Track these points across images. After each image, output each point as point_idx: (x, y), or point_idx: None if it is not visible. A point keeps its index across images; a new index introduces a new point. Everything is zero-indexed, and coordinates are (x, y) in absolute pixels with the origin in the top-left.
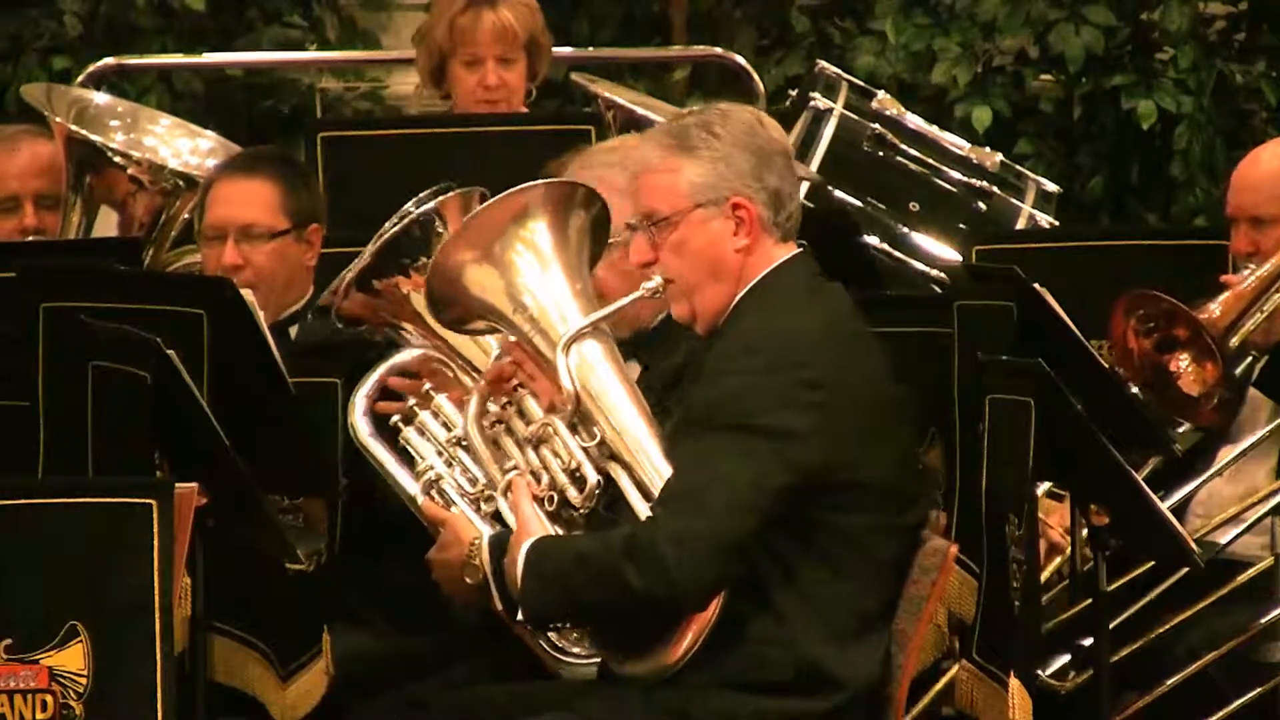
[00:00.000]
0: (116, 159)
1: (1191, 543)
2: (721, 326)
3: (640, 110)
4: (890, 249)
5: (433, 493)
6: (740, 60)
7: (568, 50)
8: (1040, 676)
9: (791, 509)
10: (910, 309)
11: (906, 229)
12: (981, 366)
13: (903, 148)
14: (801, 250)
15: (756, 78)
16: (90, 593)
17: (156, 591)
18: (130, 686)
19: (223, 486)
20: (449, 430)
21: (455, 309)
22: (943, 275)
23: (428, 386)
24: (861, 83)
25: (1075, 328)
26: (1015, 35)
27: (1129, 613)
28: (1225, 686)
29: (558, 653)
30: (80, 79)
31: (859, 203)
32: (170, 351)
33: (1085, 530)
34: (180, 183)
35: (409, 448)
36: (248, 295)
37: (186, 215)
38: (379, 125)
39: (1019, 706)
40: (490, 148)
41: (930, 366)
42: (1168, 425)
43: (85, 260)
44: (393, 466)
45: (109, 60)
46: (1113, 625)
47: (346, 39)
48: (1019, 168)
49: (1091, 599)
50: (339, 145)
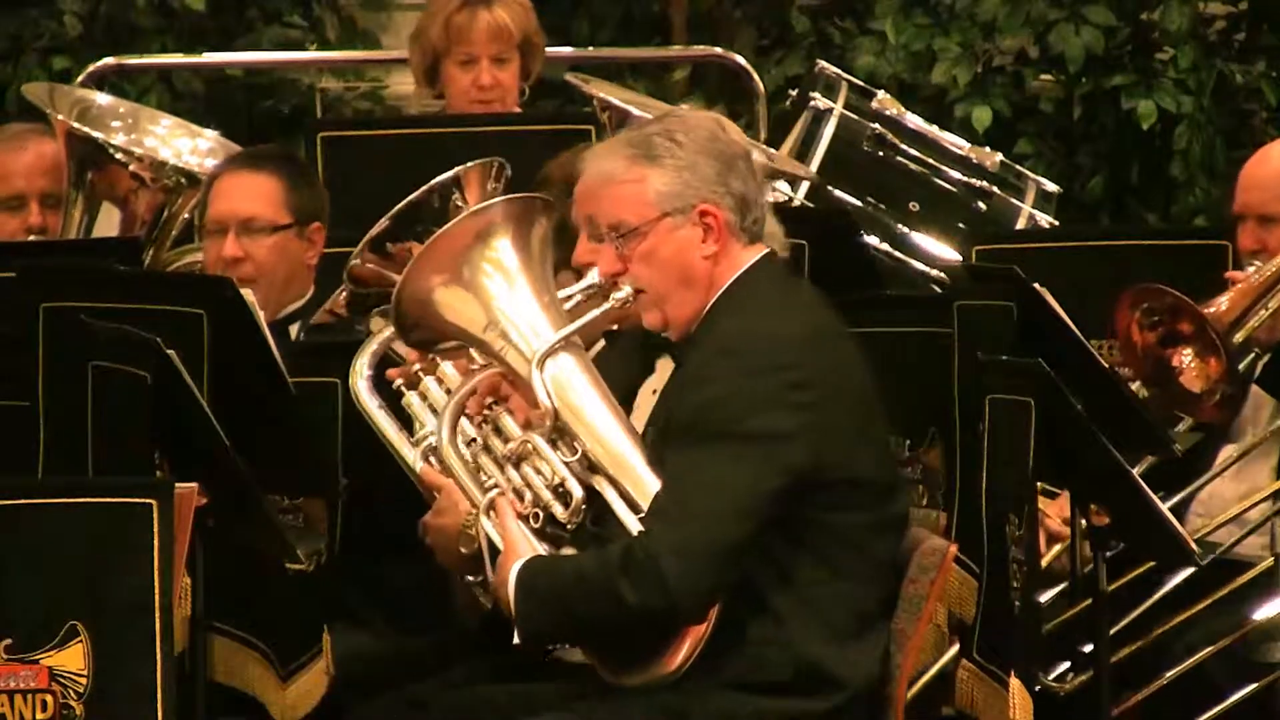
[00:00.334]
0: (118, 156)
1: (1191, 543)
2: (695, 333)
3: (636, 110)
4: (890, 249)
5: (431, 459)
6: (740, 60)
7: (568, 50)
8: (1041, 679)
9: (785, 510)
10: (910, 309)
11: (906, 229)
12: (981, 366)
13: (903, 148)
14: (769, 251)
15: (756, 78)
16: (90, 593)
17: (156, 591)
18: (130, 686)
19: (223, 486)
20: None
21: (425, 331)
22: (943, 275)
23: (431, 355)
24: (861, 83)
25: (1075, 328)
26: (1015, 35)
27: (1130, 617)
28: (1224, 685)
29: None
30: (80, 79)
31: (859, 203)
32: (170, 351)
33: (1084, 524)
34: (182, 180)
35: (411, 413)
36: (248, 295)
37: (187, 215)
38: (379, 125)
39: (1019, 706)
40: (490, 148)
41: (930, 366)
42: (1168, 425)
43: (85, 260)
44: (392, 432)
45: (109, 60)
46: (1112, 626)
47: (346, 39)
48: (1019, 168)
49: (1091, 600)
50: (339, 145)
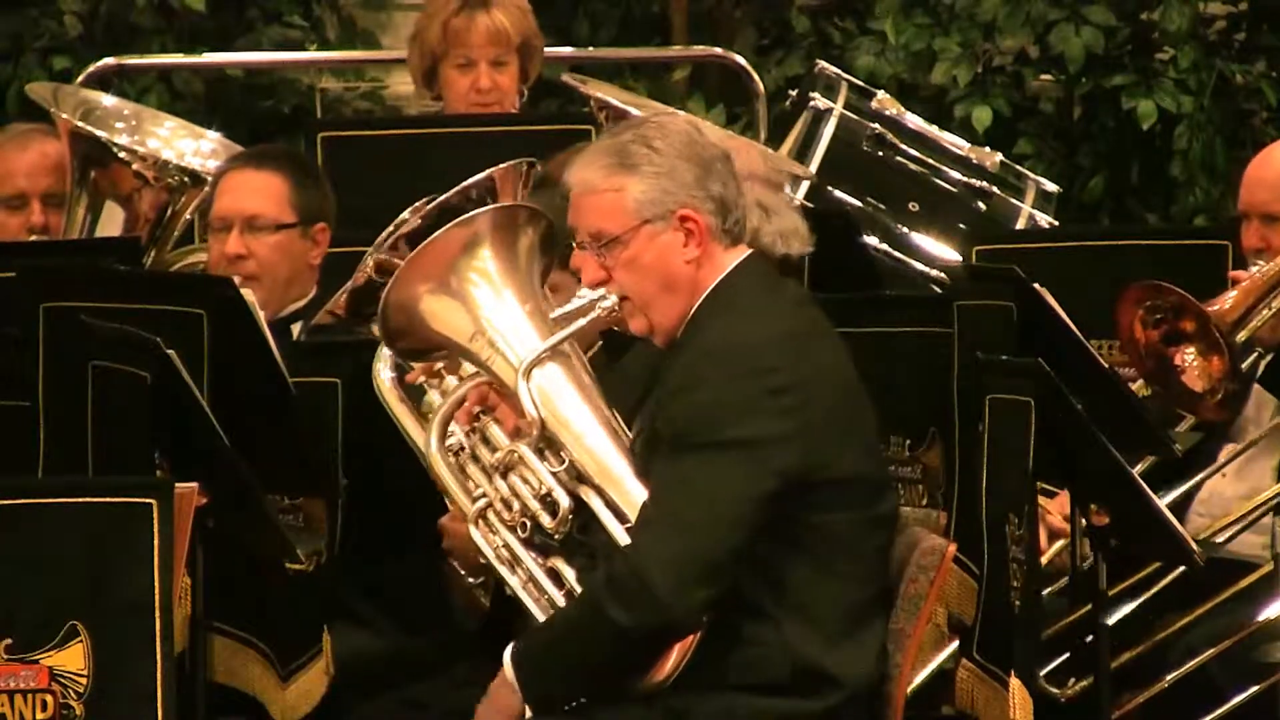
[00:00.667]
0: (121, 154)
1: (1192, 542)
2: (681, 338)
3: (634, 111)
4: (890, 249)
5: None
6: (740, 60)
7: (568, 50)
8: (1040, 682)
9: (775, 515)
10: (910, 309)
11: (906, 229)
12: (981, 366)
13: (903, 148)
14: (752, 253)
15: (756, 78)
16: (90, 593)
17: (156, 591)
18: (130, 686)
19: (223, 486)
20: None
21: (411, 339)
22: (943, 275)
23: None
24: (861, 83)
25: (1075, 328)
26: (1015, 35)
27: (1128, 609)
28: (1224, 685)
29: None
30: (80, 79)
31: (859, 203)
32: (170, 351)
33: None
34: (185, 179)
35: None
36: (248, 295)
37: (191, 213)
38: (379, 125)
39: (1019, 706)
40: (490, 148)
41: (930, 366)
42: (1168, 425)
43: (85, 260)
44: (415, 430)
45: (109, 60)
46: (1112, 626)
47: (346, 39)
48: (1019, 168)
49: (1091, 600)
50: (339, 145)
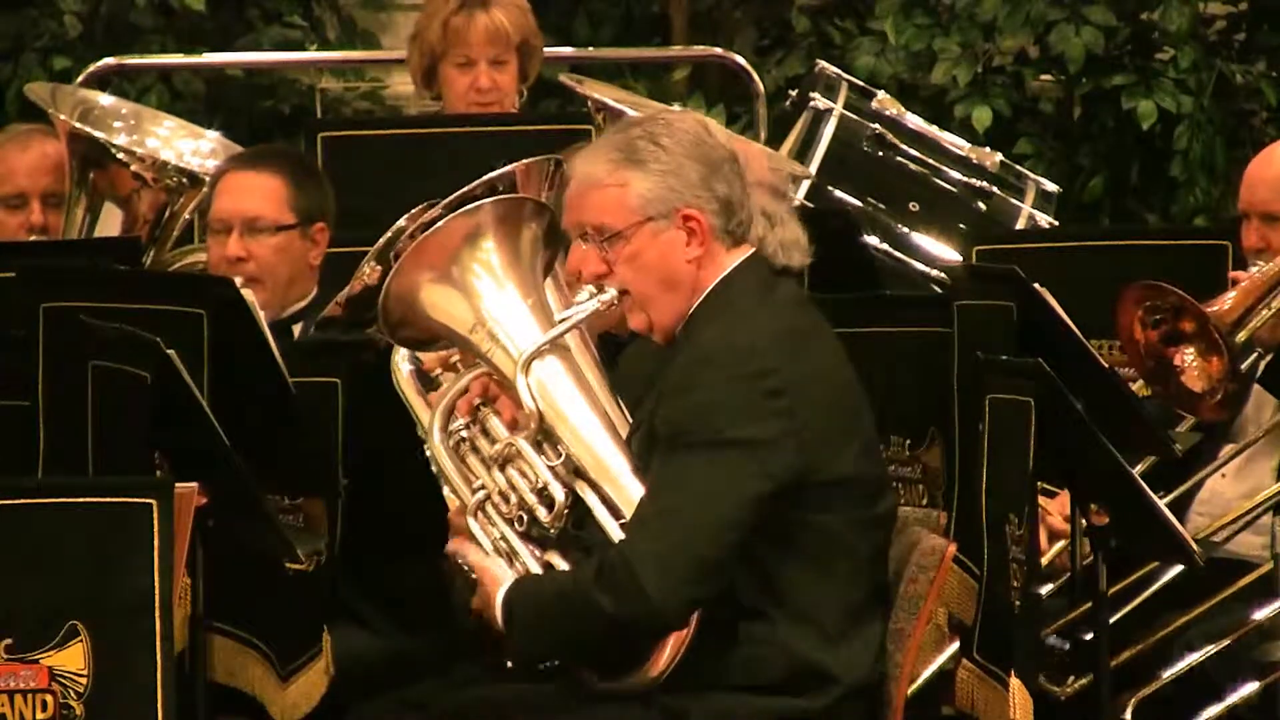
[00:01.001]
0: (120, 155)
1: (1192, 542)
2: (679, 337)
3: (631, 111)
4: (890, 249)
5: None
6: (740, 60)
7: (568, 50)
8: (1042, 683)
9: (770, 515)
10: (910, 309)
11: (906, 229)
12: (981, 366)
13: (903, 148)
14: (753, 253)
15: (756, 78)
16: (90, 593)
17: (156, 591)
18: (130, 686)
19: (223, 486)
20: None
21: (411, 329)
22: (943, 275)
23: None
24: (861, 83)
25: (1075, 328)
26: (1015, 35)
27: (1128, 609)
28: (1224, 684)
29: None
30: (80, 79)
31: (859, 203)
32: (170, 351)
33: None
34: (184, 180)
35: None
36: (248, 295)
37: (190, 214)
38: (379, 125)
39: (1019, 706)
40: (491, 148)
41: (930, 366)
42: (1168, 424)
43: (85, 260)
44: (427, 419)
45: (109, 60)
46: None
47: (346, 39)
48: (1019, 168)
49: (1091, 600)
50: (339, 145)
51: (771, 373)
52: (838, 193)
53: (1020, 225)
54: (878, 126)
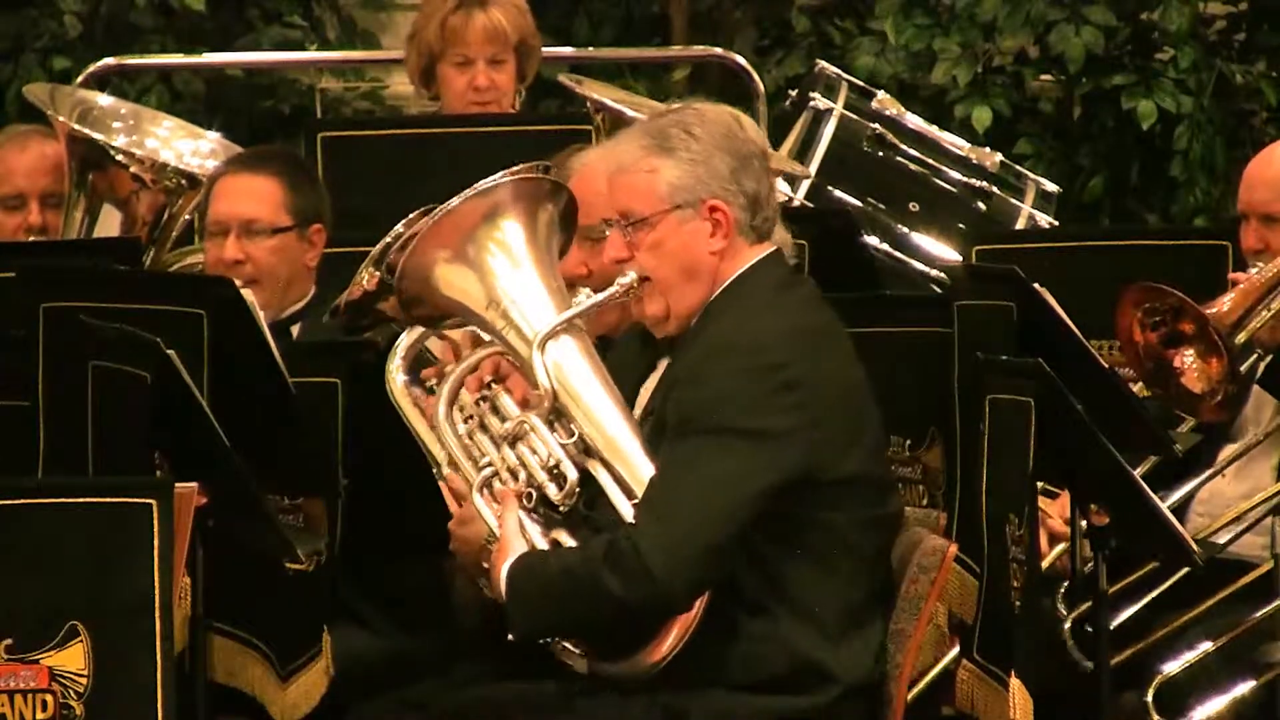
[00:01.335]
0: (119, 157)
1: (1192, 542)
2: (694, 328)
3: (629, 111)
4: (890, 249)
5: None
6: (740, 60)
7: (568, 50)
8: (1072, 650)
9: (776, 509)
10: (910, 309)
11: (906, 229)
12: (981, 366)
13: (903, 148)
14: (774, 250)
15: (756, 78)
16: (90, 593)
17: (156, 591)
18: (130, 686)
19: (223, 486)
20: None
21: (424, 306)
22: (943, 275)
23: (466, 354)
24: (861, 83)
25: (1075, 328)
26: (1015, 35)
27: (1129, 612)
28: (1224, 684)
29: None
30: (80, 79)
31: (859, 203)
32: (170, 351)
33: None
34: (183, 181)
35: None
36: (248, 295)
37: (188, 215)
38: (379, 125)
39: (1019, 706)
40: (490, 148)
41: (930, 366)
42: (1168, 425)
43: (85, 260)
44: (422, 429)
45: (109, 60)
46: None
47: (346, 39)
48: (1019, 168)
49: (1091, 599)
50: (339, 145)
51: (785, 367)
52: (838, 193)
53: (1020, 225)
54: (878, 126)
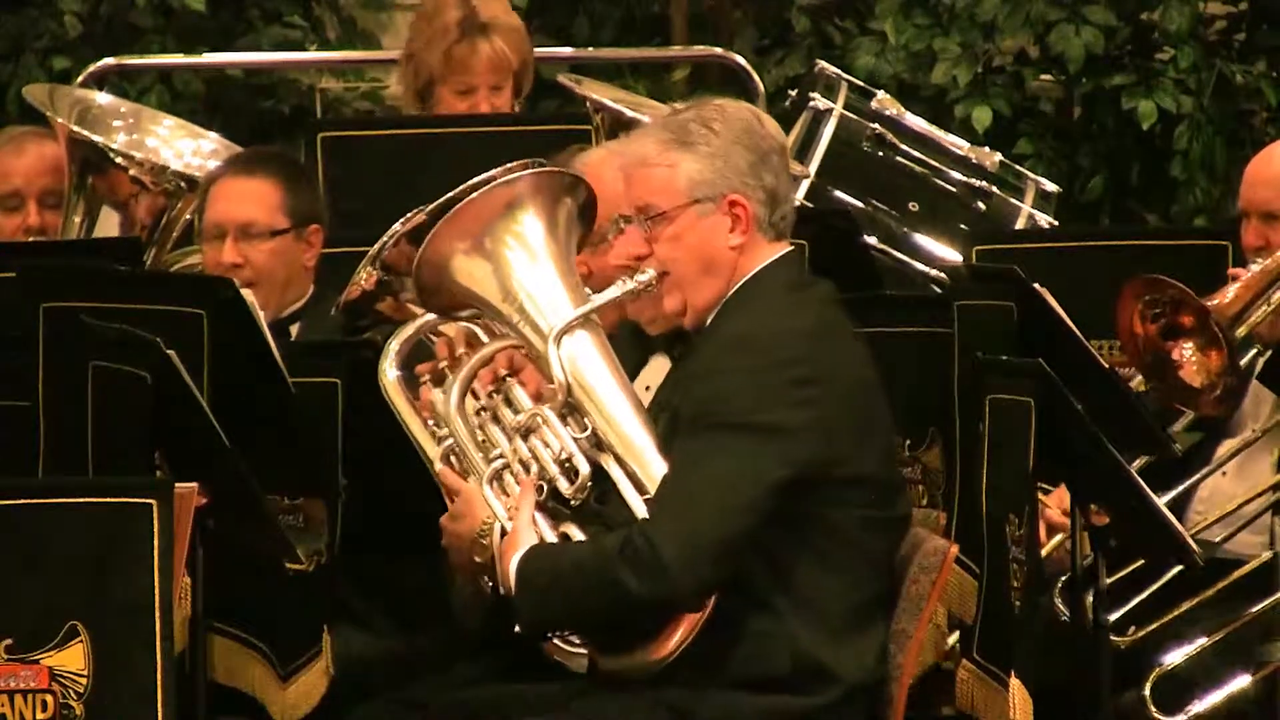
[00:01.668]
0: (118, 160)
1: (1191, 542)
2: (710, 323)
3: (629, 112)
4: (890, 249)
5: (452, 459)
6: (740, 60)
7: (568, 50)
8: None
9: (786, 505)
10: (910, 309)
11: (906, 229)
12: (981, 366)
13: (902, 148)
14: (792, 249)
15: (756, 78)
16: (90, 593)
17: (156, 591)
18: (130, 686)
19: (223, 486)
20: (475, 400)
21: (442, 296)
22: (943, 275)
23: (461, 351)
24: (861, 83)
25: (1075, 328)
26: (1015, 35)
27: (1128, 607)
28: (1223, 681)
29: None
30: (80, 79)
31: (859, 203)
32: (170, 351)
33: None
34: (182, 184)
35: (434, 412)
36: (248, 295)
37: (188, 216)
38: (379, 125)
39: (1019, 706)
40: (490, 148)
41: (930, 366)
42: (1167, 425)
43: (85, 260)
44: (415, 425)
45: (109, 60)
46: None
47: (346, 39)
48: (1018, 168)
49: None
50: (339, 145)
51: (799, 362)
52: (838, 193)
53: (1020, 225)
54: (877, 126)
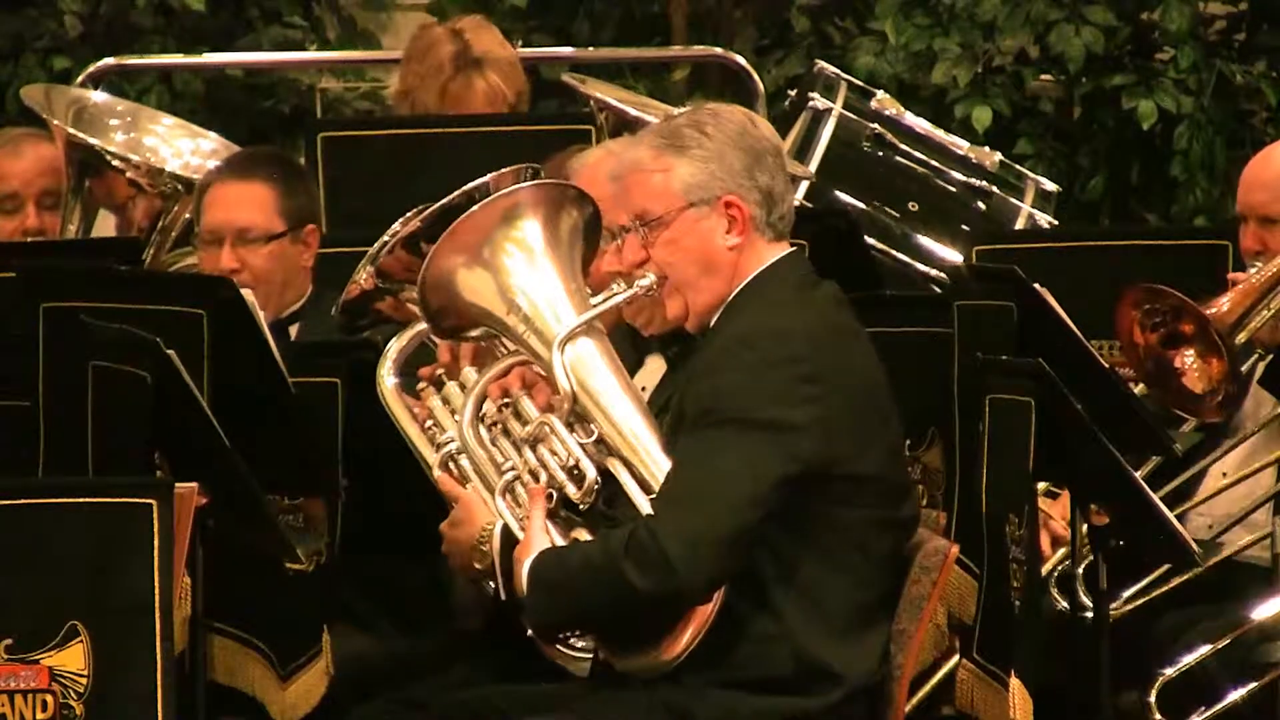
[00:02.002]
0: (116, 163)
1: (1192, 543)
2: (714, 325)
3: (633, 111)
4: (890, 249)
5: (451, 466)
6: (740, 60)
7: (568, 50)
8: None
9: (791, 503)
10: (910, 309)
11: (906, 229)
12: (981, 366)
13: (902, 148)
14: (794, 250)
15: (756, 78)
16: (90, 593)
17: (156, 591)
18: (130, 686)
19: (223, 486)
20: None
21: (451, 317)
22: (943, 275)
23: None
24: (860, 83)
25: (1075, 328)
26: (1015, 35)
27: (1128, 607)
28: (1224, 685)
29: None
30: (80, 79)
31: (859, 203)
32: (170, 351)
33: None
34: (179, 186)
35: (433, 418)
36: (248, 295)
37: (187, 215)
38: (379, 125)
39: (1019, 706)
40: (490, 148)
41: (930, 366)
42: (1169, 425)
43: (85, 260)
44: (413, 432)
45: (109, 60)
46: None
47: (346, 39)
48: (1019, 168)
49: (1092, 599)
50: (339, 145)
51: (804, 359)
52: (838, 193)
53: (1020, 225)
54: (877, 126)
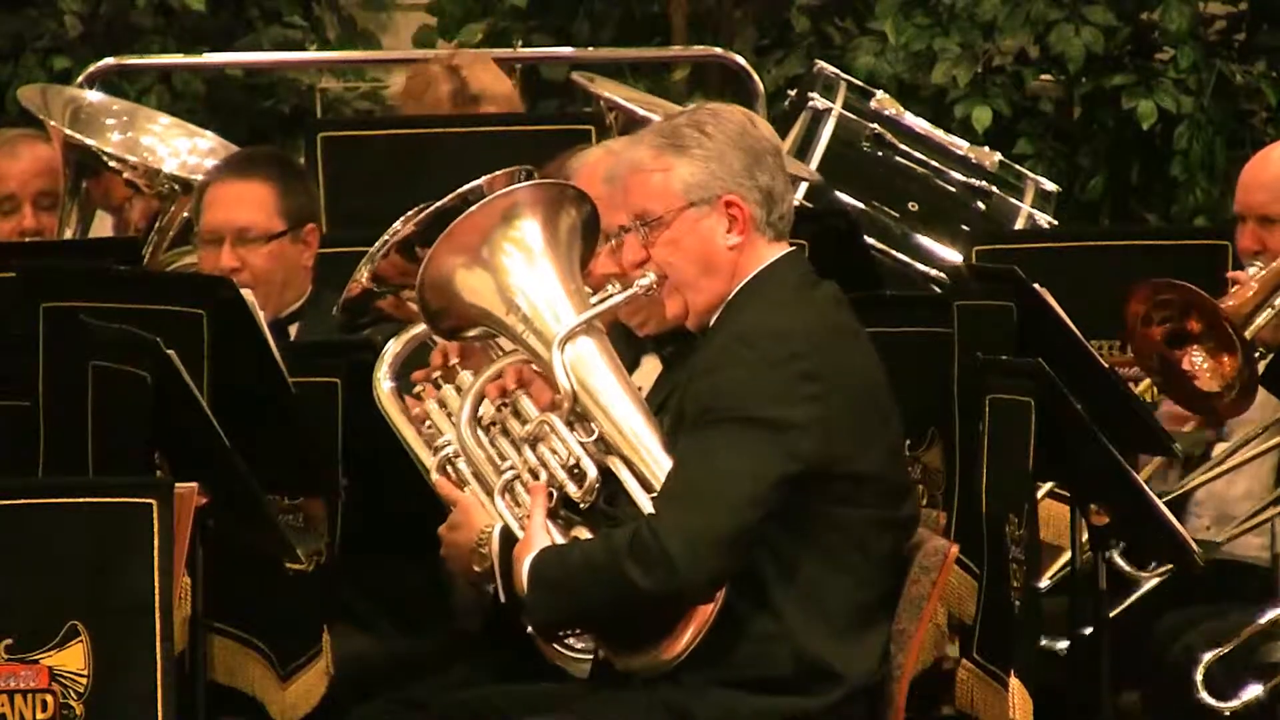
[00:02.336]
0: (113, 163)
1: (1192, 543)
2: (715, 324)
3: (642, 111)
4: (890, 249)
5: (448, 469)
6: (740, 60)
7: (568, 50)
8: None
9: (792, 502)
10: (910, 309)
11: (906, 229)
12: (981, 366)
13: (902, 148)
14: (794, 249)
15: (756, 78)
16: (90, 593)
17: (156, 591)
18: (130, 686)
19: (223, 486)
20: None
21: (450, 318)
22: (943, 275)
23: (454, 361)
24: (860, 83)
25: (1075, 328)
26: (1015, 35)
27: (1124, 604)
28: (1224, 685)
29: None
30: (80, 79)
31: (859, 203)
32: (170, 351)
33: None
34: (176, 187)
35: (429, 420)
36: (248, 295)
37: (186, 215)
38: (379, 125)
39: (1019, 706)
40: (491, 148)
41: (930, 366)
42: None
43: (85, 260)
44: (410, 435)
45: (109, 60)
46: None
47: (346, 39)
48: (1018, 168)
49: (1091, 599)
50: (339, 145)
51: (804, 357)
52: (838, 193)
53: (1020, 225)
54: (877, 126)
